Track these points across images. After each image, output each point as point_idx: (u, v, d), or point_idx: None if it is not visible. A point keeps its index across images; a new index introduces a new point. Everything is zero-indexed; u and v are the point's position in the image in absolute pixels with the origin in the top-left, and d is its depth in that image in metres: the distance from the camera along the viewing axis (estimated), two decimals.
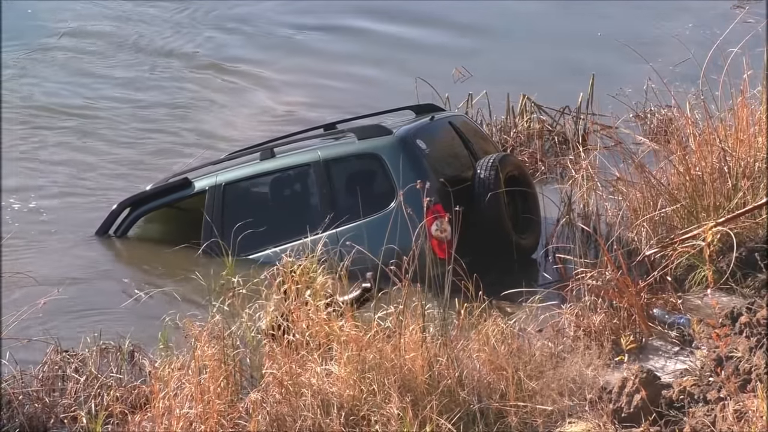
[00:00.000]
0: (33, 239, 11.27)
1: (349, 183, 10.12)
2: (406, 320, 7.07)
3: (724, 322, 7.62)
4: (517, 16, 17.79)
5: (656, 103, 12.60)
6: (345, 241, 8.86)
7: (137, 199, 11.15)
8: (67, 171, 13.23)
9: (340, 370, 6.87)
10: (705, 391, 6.89)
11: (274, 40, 17.74)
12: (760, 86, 10.24)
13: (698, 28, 15.86)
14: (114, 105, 15.34)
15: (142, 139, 14.30)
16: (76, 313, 9.53)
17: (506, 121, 13.04)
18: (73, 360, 7.85)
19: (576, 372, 7.23)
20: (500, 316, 7.50)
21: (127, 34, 17.85)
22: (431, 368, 6.92)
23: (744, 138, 9.59)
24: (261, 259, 9.60)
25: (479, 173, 9.95)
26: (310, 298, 7.36)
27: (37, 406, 7.48)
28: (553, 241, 10.22)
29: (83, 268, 10.60)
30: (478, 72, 15.28)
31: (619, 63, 14.30)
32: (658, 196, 9.53)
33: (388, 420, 6.63)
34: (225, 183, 10.48)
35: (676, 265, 8.77)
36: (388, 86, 15.20)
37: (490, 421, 6.83)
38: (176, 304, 8.78)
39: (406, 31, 17.63)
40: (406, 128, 10.29)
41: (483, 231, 9.76)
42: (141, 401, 7.32)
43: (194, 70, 16.60)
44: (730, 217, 8.81)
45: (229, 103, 15.45)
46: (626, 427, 6.76)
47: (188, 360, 7.12)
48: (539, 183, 11.37)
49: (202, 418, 6.80)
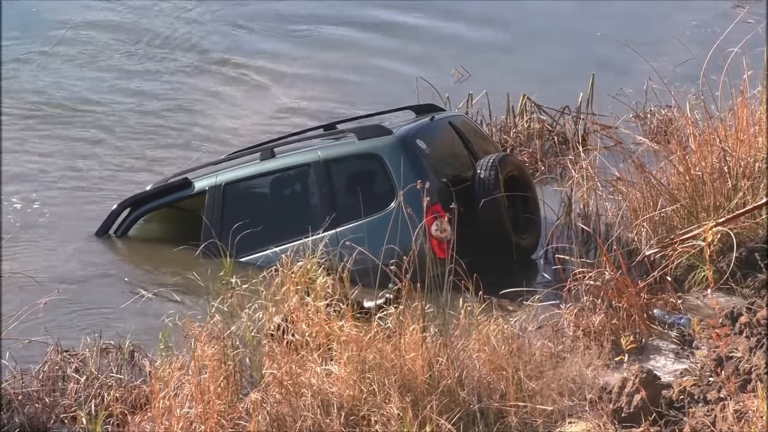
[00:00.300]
0: (33, 239, 11.28)
1: (349, 183, 10.12)
2: (406, 320, 7.08)
3: (724, 322, 7.62)
4: (520, 14, 17.79)
5: (656, 103, 12.60)
6: (345, 242, 8.86)
7: (137, 199, 11.15)
8: (72, 169, 13.22)
9: (340, 370, 6.87)
10: (705, 391, 6.89)
11: (295, 35, 17.75)
12: (760, 86, 10.24)
13: (698, 28, 15.87)
14: (123, 100, 15.33)
15: (149, 135, 14.29)
16: (76, 313, 9.53)
17: (506, 121, 13.04)
18: (74, 360, 7.86)
19: (576, 372, 7.24)
20: (501, 316, 7.50)
21: (139, 28, 17.85)
22: (431, 368, 6.92)
23: (744, 138, 9.59)
24: (261, 260, 9.59)
25: (479, 173, 9.95)
26: (310, 298, 7.37)
27: (37, 406, 7.48)
28: (553, 241, 10.21)
29: (83, 269, 10.60)
30: (478, 72, 15.30)
31: (618, 63, 14.30)
32: (658, 196, 9.53)
33: (388, 420, 6.64)
34: (225, 183, 10.48)
35: (676, 265, 8.77)
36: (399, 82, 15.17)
37: (490, 421, 6.83)
38: (176, 304, 8.80)
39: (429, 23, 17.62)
40: (406, 128, 10.29)
41: (483, 231, 9.76)
42: (141, 401, 7.32)
43: (207, 65, 16.58)
44: (730, 217, 8.81)
45: (242, 99, 15.44)
46: (626, 427, 6.76)
47: (188, 360, 7.13)
48: (539, 183, 11.36)
49: (202, 418, 6.80)
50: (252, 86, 15.93)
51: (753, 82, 10.15)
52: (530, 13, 17.77)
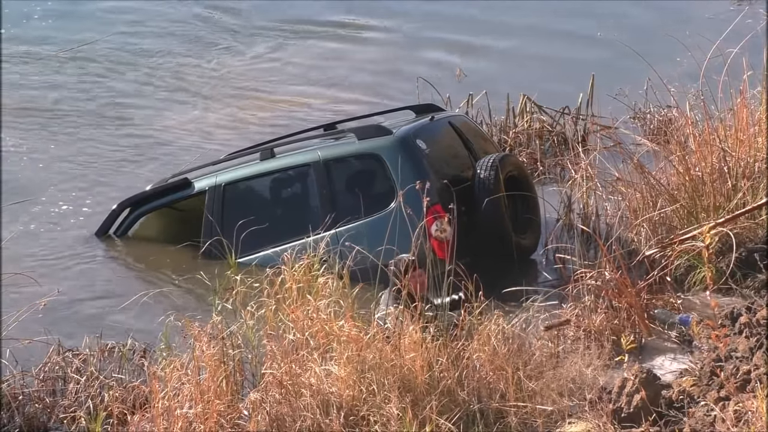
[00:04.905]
0: (34, 238, 11.28)
1: (349, 183, 10.11)
2: (405, 321, 7.08)
3: (724, 323, 7.62)
4: (520, 14, 17.79)
5: (656, 104, 12.59)
6: (345, 242, 8.86)
7: (137, 199, 11.15)
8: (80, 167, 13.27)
9: (340, 371, 6.87)
10: (705, 391, 6.89)
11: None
12: (760, 86, 10.25)
13: (698, 28, 15.85)
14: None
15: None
16: (75, 314, 9.54)
17: (506, 121, 13.04)
18: (74, 360, 7.86)
19: (576, 372, 7.24)
20: (501, 316, 7.50)
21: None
22: (431, 368, 6.92)
23: (744, 138, 9.60)
24: (261, 260, 9.59)
25: (479, 173, 9.94)
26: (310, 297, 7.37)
27: (37, 407, 7.49)
28: (553, 241, 10.22)
29: (83, 269, 10.60)
30: (479, 72, 15.31)
31: (618, 63, 14.29)
32: (658, 196, 9.53)
33: (388, 420, 6.64)
34: (225, 183, 10.48)
35: (676, 265, 8.77)
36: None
37: (489, 422, 6.83)
38: (176, 305, 8.80)
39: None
40: (406, 128, 10.28)
41: (483, 231, 9.76)
42: (141, 401, 7.32)
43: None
44: (730, 218, 8.81)
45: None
46: (626, 427, 6.77)
47: (188, 360, 7.13)
48: (539, 183, 11.36)
49: (202, 418, 6.80)
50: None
51: (753, 82, 10.15)
52: (530, 13, 17.76)
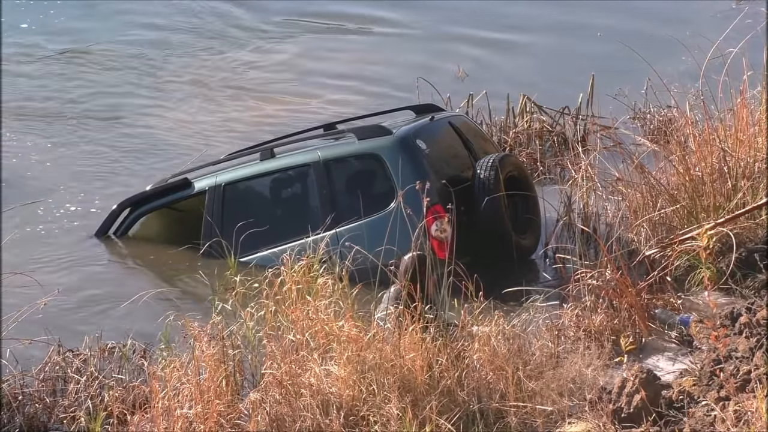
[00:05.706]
0: (34, 238, 11.28)
1: (349, 183, 10.12)
2: (405, 321, 7.07)
3: (724, 323, 7.62)
4: (519, 17, 17.79)
5: (656, 104, 12.59)
6: (345, 242, 8.86)
7: (137, 199, 11.14)
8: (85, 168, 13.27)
9: (340, 371, 6.87)
10: (705, 391, 6.89)
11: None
12: (760, 86, 10.24)
13: (698, 28, 15.85)
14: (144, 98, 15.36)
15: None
16: (75, 314, 9.53)
17: (506, 121, 13.04)
18: (74, 360, 7.86)
19: (576, 372, 7.24)
20: (501, 316, 7.50)
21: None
22: (431, 368, 6.92)
23: (744, 138, 9.59)
24: (261, 260, 9.59)
25: (479, 173, 9.94)
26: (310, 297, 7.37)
27: (37, 407, 7.49)
28: (553, 241, 10.22)
29: (83, 269, 10.60)
30: (479, 72, 15.30)
31: (618, 63, 14.29)
32: (658, 196, 9.53)
33: (388, 420, 6.64)
34: (225, 183, 10.47)
35: (676, 265, 8.77)
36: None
37: (489, 422, 6.83)
38: (176, 304, 8.80)
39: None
40: (406, 128, 10.28)
41: (483, 231, 9.76)
42: (141, 401, 7.32)
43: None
44: (730, 218, 8.81)
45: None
46: (626, 428, 6.77)
47: (188, 360, 7.12)
48: (539, 183, 11.36)
49: (202, 418, 6.80)
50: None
51: (753, 82, 10.15)
52: (530, 13, 17.76)
